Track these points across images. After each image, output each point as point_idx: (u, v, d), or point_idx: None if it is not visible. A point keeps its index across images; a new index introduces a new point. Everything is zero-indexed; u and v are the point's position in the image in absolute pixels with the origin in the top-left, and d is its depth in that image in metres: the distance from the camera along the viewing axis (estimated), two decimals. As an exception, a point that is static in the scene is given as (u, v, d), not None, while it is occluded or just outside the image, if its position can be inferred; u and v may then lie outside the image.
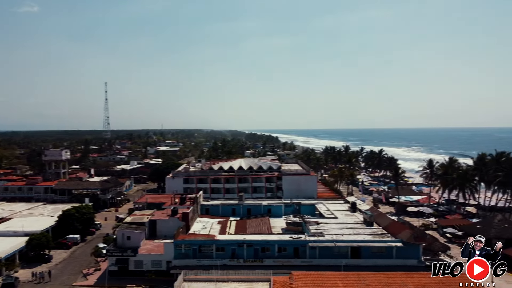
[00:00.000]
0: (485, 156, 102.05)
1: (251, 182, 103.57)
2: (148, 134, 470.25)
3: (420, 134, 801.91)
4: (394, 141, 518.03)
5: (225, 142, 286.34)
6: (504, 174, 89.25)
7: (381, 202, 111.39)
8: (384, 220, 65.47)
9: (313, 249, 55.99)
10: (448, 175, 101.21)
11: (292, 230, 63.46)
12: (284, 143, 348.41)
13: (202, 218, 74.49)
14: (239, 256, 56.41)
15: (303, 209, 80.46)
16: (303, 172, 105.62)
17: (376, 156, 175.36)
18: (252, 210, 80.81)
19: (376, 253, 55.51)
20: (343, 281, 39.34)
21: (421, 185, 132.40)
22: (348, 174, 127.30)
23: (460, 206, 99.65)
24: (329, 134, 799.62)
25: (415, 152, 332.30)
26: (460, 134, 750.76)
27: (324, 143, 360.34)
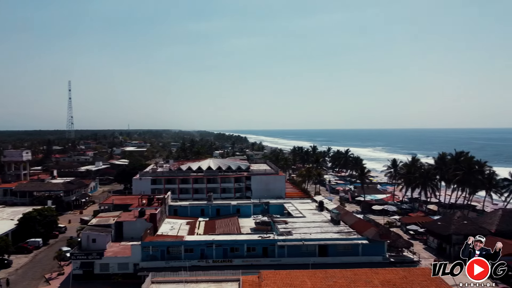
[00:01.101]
0: (445, 156, 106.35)
1: (220, 182, 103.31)
2: (114, 134, 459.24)
3: (384, 134, 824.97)
4: (359, 141, 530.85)
5: (193, 142, 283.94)
6: (463, 173, 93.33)
7: (347, 201, 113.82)
8: (350, 219, 67.03)
9: (281, 248, 56.59)
10: (411, 174, 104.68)
11: (261, 230, 63.87)
12: (252, 143, 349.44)
13: (171, 219, 73.62)
14: (208, 256, 56.23)
15: (271, 209, 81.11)
16: (272, 172, 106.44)
17: (342, 156, 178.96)
18: (221, 210, 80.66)
19: (343, 251, 56.78)
20: (311, 278, 40.02)
21: (386, 184, 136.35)
22: (315, 174, 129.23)
23: (422, 204, 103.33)
24: (297, 135, 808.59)
25: (379, 152, 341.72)
26: (422, 135, 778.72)
27: (292, 143, 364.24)
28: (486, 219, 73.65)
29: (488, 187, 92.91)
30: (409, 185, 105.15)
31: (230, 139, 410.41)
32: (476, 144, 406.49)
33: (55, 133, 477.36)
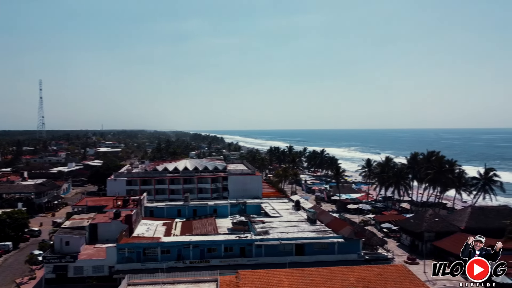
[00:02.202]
0: (417, 156, 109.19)
1: (196, 183, 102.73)
2: (87, 135, 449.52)
3: (359, 135, 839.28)
4: (335, 141, 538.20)
5: (169, 143, 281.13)
6: (434, 172, 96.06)
7: (323, 200, 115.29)
8: (326, 218, 68.00)
9: (259, 248, 56.87)
10: (384, 173, 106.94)
11: (238, 230, 64.00)
12: (229, 143, 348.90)
13: (146, 221, 72.76)
14: (185, 257, 55.91)
15: (248, 209, 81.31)
16: (249, 172, 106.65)
17: (318, 156, 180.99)
18: (198, 211, 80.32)
19: (319, 249, 57.59)
20: (288, 277, 40.42)
21: (360, 184, 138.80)
22: (292, 174, 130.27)
23: (395, 203, 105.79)
24: (273, 135, 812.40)
25: (354, 152, 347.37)
26: (395, 135, 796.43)
27: (268, 143, 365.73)
28: (456, 216, 76.12)
29: (458, 185, 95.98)
30: (382, 184, 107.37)
31: (206, 140, 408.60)
32: (446, 144, 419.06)
33: (25, 134, 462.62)
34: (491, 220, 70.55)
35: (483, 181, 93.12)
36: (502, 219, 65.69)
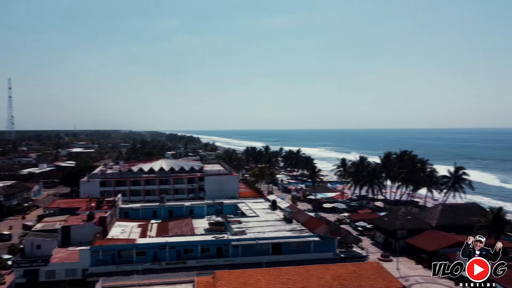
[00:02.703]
0: (390, 155, 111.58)
1: (172, 183, 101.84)
2: (59, 135, 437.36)
3: (333, 135, 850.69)
4: (310, 141, 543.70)
5: (144, 143, 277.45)
6: (407, 171, 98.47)
7: (299, 200, 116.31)
8: (302, 217, 68.68)
9: (235, 248, 56.91)
10: (359, 172, 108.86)
11: (215, 230, 63.82)
12: (205, 144, 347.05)
13: (121, 222, 71.65)
14: (161, 259, 55.35)
15: (225, 209, 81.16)
16: (225, 172, 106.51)
17: (294, 156, 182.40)
18: (174, 211, 79.59)
19: (296, 248, 58.11)
20: (265, 277, 40.71)
21: (335, 183, 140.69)
22: (268, 174, 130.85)
23: (369, 201, 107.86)
24: (250, 135, 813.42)
25: (329, 152, 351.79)
26: (369, 135, 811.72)
27: (244, 143, 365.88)
28: (428, 214, 78.31)
29: (429, 184, 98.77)
30: (357, 183, 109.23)
31: (182, 140, 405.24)
32: (418, 143, 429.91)
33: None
34: (460, 217, 72.91)
35: (453, 180, 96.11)
36: (471, 216, 68.00)
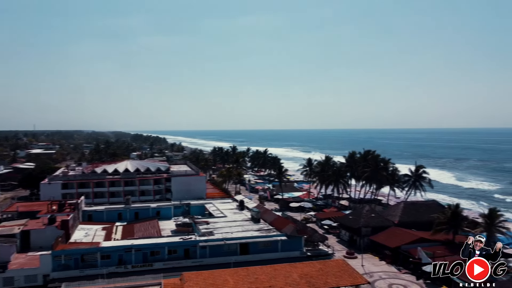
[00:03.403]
0: (354, 155, 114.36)
1: (138, 184, 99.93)
2: (18, 136, 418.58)
3: (299, 135, 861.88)
4: (277, 141, 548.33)
5: (108, 143, 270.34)
6: (370, 170, 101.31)
7: (266, 199, 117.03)
8: (269, 216, 69.23)
9: (203, 249, 56.65)
10: (324, 172, 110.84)
11: (182, 231, 63.23)
12: (172, 144, 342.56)
13: (85, 225, 69.57)
14: (127, 262, 54.23)
15: (192, 210, 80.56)
16: (192, 173, 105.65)
17: (261, 156, 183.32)
18: (139, 213, 78.13)
19: (263, 248, 58.50)
20: (233, 277, 40.81)
21: (302, 182, 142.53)
22: (235, 174, 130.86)
23: (335, 200, 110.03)
24: (217, 135, 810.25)
25: (296, 152, 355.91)
26: (332, 135, 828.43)
27: (211, 144, 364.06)
28: (390, 211, 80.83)
29: (392, 182, 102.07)
30: (323, 182, 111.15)
31: (148, 140, 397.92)
32: (380, 143, 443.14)
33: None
34: (421, 214, 75.72)
35: (414, 178, 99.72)
36: (431, 213, 70.77)
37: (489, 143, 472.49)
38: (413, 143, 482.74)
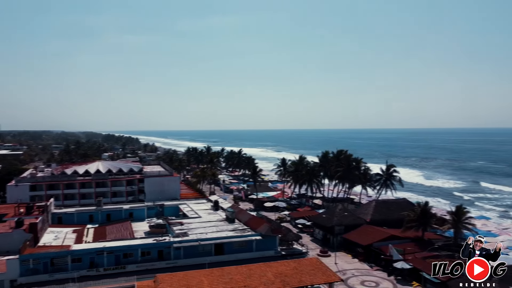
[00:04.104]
0: (328, 154, 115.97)
1: (110, 186, 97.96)
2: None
3: (273, 135, 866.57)
4: (251, 141, 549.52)
5: (79, 144, 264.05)
6: (343, 170, 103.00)
7: (241, 199, 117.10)
8: (244, 216, 69.40)
9: (177, 250, 56.26)
10: (298, 171, 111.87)
11: (156, 233, 62.57)
12: (145, 144, 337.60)
13: (54, 228, 67.79)
14: (98, 265, 53.24)
15: (166, 211, 79.81)
16: (166, 174, 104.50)
17: (236, 156, 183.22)
18: (112, 215, 76.76)
19: (238, 248, 58.67)
20: (208, 277, 40.69)
21: (276, 182, 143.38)
22: (210, 174, 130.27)
23: (309, 199, 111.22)
24: (191, 136, 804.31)
25: (270, 152, 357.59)
26: (305, 135, 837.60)
27: (185, 144, 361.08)
28: (362, 210, 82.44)
29: (364, 181, 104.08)
30: (297, 182, 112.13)
31: (120, 141, 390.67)
32: (351, 143, 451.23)
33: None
34: (392, 212, 77.54)
35: (385, 177, 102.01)
36: (401, 211, 72.52)
37: (454, 143, 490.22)
38: (382, 143, 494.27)
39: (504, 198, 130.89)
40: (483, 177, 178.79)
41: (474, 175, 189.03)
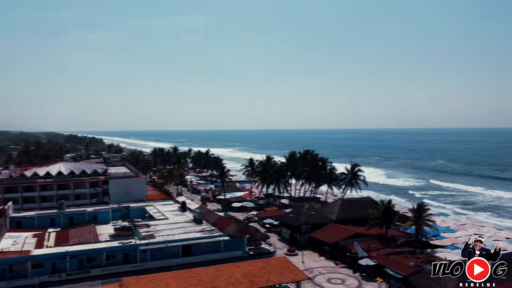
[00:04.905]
0: (294, 154, 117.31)
1: (73, 188, 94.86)
2: None
3: (241, 135, 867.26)
4: (219, 142, 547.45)
5: (39, 145, 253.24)
6: (310, 169, 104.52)
7: (209, 200, 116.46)
8: (212, 217, 69.14)
9: (144, 253, 55.35)
10: (266, 171, 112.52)
11: (122, 236, 61.33)
12: (109, 145, 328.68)
13: (13, 233, 64.95)
14: (61, 270, 51.55)
15: (132, 213, 78.27)
16: (131, 175, 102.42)
17: (203, 156, 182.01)
18: (75, 218, 74.54)
19: (206, 249, 58.44)
20: (175, 280, 40.26)
21: (244, 182, 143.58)
22: (177, 175, 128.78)
23: (276, 199, 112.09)
24: (158, 136, 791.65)
25: (238, 152, 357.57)
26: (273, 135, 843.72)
27: (152, 144, 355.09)
28: (328, 208, 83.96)
29: (330, 180, 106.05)
30: (264, 182, 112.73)
31: (83, 141, 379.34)
32: (314, 142, 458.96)
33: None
34: (357, 210, 79.41)
35: (350, 176, 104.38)
36: (366, 209, 74.53)
37: (412, 143, 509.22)
38: (345, 143, 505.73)
39: (459, 196, 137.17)
40: (441, 176, 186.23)
41: (432, 173, 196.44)
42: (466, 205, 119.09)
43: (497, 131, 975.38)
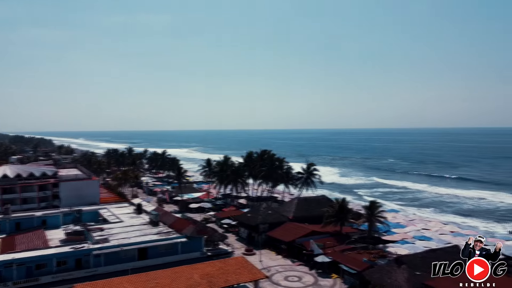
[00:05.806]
0: (252, 154, 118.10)
1: (19, 192, 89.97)
2: None
3: (198, 136, 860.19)
4: (175, 142, 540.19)
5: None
6: (267, 169, 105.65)
7: (165, 202, 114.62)
8: (169, 219, 68.11)
9: (97, 257, 53.53)
10: (223, 172, 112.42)
11: (74, 240, 58.93)
12: (59, 146, 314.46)
13: (-48, 241, 60.61)
14: (7, 279, 48.74)
15: (85, 216, 75.33)
16: (84, 177, 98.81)
17: (159, 157, 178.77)
18: (22, 223, 70.58)
19: (163, 251, 57.40)
20: (132, 284, 39.50)
21: (201, 183, 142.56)
22: (132, 177, 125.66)
23: (234, 199, 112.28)
24: (112, 137, 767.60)
25: (195, 152, 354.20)
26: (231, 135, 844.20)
27: (105, 145, 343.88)
28: (286, 207, 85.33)
29: (286, 180, 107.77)
30: (222, 182, 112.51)
31: (31, 142, 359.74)
32: (270, 142, 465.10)
33: None
34: (312, 209, 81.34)
35: (306, 175, 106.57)
36: (321, 207, 76.47)
37: (363, 142, 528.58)
38: (297, 143, 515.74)
39: (407, 192, 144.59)
40: (391, 174, 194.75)
41: (383, 172, 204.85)
42: (413, 202, 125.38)
43: (447, 130, 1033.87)
